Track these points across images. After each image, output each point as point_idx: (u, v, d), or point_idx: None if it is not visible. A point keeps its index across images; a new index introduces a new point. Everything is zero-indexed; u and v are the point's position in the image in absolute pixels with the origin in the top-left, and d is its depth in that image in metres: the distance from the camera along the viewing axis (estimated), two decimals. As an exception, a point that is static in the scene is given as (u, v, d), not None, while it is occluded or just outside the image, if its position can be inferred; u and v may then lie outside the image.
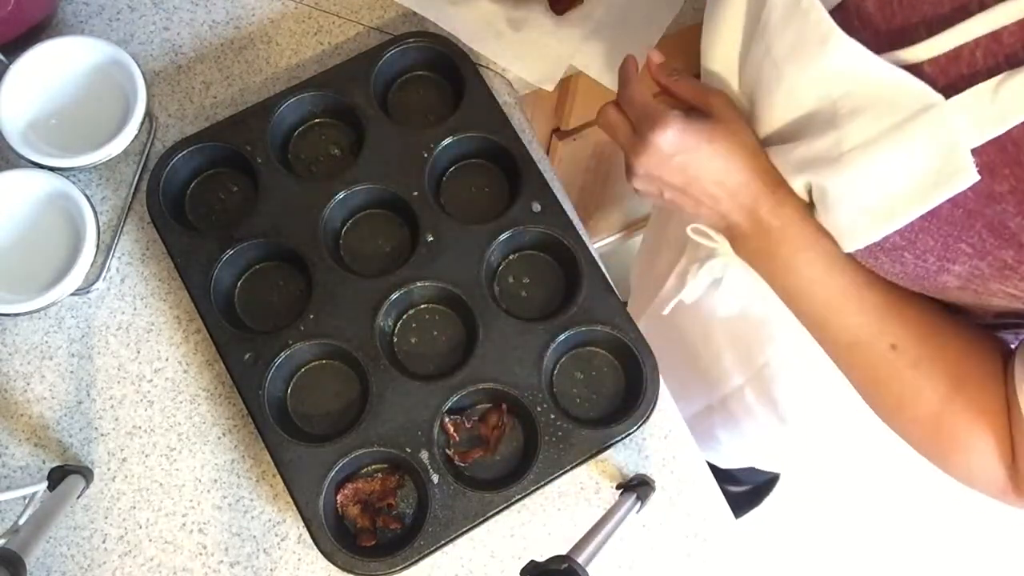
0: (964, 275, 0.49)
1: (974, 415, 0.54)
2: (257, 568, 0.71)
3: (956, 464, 0.57)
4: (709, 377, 0.99)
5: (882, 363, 0.57)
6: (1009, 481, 0.54)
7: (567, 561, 0.55)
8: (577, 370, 0.74)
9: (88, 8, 0.82)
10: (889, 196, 0.48)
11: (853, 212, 0.51)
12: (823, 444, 0.98)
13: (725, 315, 0.86)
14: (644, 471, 0.74)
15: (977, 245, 0.47)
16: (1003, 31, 0.42)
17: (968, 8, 0.43)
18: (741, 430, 1.04)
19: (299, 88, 0.76)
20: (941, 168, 0.45)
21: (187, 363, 0.75)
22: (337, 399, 0.73)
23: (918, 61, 0.46)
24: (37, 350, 0.75)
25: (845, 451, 0.98)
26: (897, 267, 0.52)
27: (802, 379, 0.85)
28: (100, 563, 0.71)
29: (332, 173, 0.76)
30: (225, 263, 0.73)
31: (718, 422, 1.06)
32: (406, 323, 0.75)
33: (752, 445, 1.09)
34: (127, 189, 0.78)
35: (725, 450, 1.14)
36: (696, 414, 1.08)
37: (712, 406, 1.04)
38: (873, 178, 0.49)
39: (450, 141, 0.76)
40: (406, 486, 0.71)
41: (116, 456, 0.73)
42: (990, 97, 0.42)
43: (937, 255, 0.49)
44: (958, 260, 0.48)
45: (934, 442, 0.57)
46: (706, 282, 0.80)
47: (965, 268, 0.48)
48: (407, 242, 0.76)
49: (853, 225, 0.52)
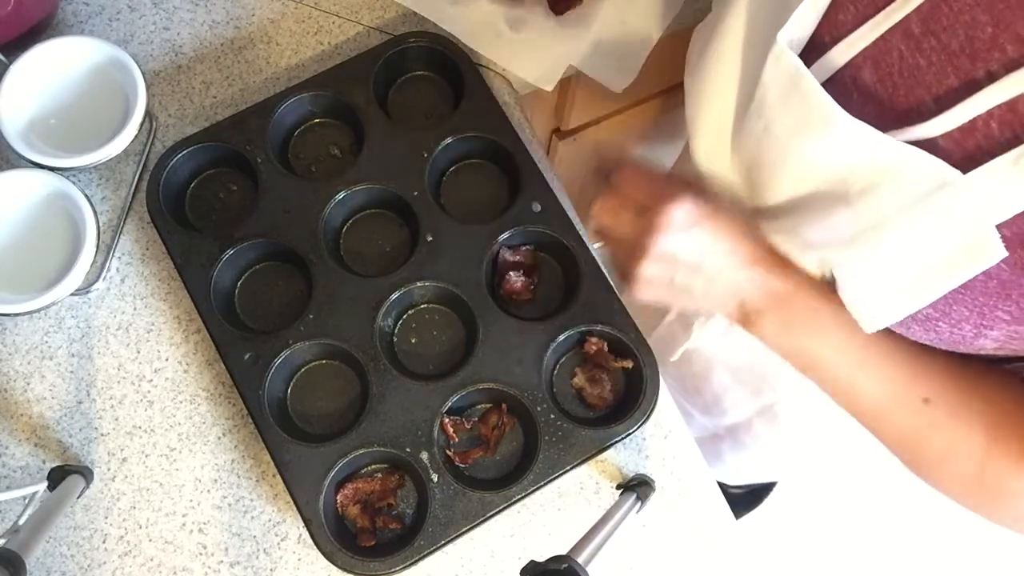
0: (1002, 338, 0.48)
1: (1017, 459, 0.53)
2: (257, 568, 0.71)
3: (1004, 510, 0.55)
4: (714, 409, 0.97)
5: (917, 420, 0.55)
6: None
7: (567, 561, 0.55)
8: (577, 370, 0.74)
9: (88, 8, 0.82)
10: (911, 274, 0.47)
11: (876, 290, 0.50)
12: (825, 452, 0.98)
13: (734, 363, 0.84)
14: (644, 471, 0.74)
15: (1015, 312, 0.45)
16: (1018, 100, 0.41)
17: (977, 80, 0.42)
18: (749, 453, 1.02)
19: (299, 88, 0.76)
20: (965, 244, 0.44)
21: (187, 363, 0.75)
22: (337, 399, 0.73)
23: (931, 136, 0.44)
24: (37, 350, 0.75)
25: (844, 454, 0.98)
26: (932, 335, 0.51)
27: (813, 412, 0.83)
28: (100, 563, 0.71)
29: (332, 173, 0.76)
30: (225, 263, 0.73)
31: (727, 448, 1.04)
32: (406, 323, 0.75)
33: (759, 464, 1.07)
34: (127, 189, 0.78)
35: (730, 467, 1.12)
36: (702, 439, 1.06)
37: (719, 434, 1.02)
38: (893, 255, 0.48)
39: (450, 141, 0.76)
40: (406, 486, 0.71)
41: (116, 456, 0.73)
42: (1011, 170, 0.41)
43: (973, 324, 0.48)
44: (995, 327, 0.47)
45: (979, 492, 0.55)
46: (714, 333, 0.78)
47: (1003, 332, 0.47)
48: (407, 242, 0.76)
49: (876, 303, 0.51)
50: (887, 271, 0.49)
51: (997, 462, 0.53)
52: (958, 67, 0.43)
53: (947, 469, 0.56)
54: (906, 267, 0.47)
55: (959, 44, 0.43)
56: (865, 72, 0.48)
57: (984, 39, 0.42)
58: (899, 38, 0.46)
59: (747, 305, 0.58)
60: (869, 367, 0.55)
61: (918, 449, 0.56)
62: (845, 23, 0.48)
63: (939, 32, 0.44)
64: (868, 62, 0.48)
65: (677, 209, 0.55)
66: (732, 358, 0.83)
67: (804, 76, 0.48)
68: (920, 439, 0.56)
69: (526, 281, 0.74)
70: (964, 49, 0.43)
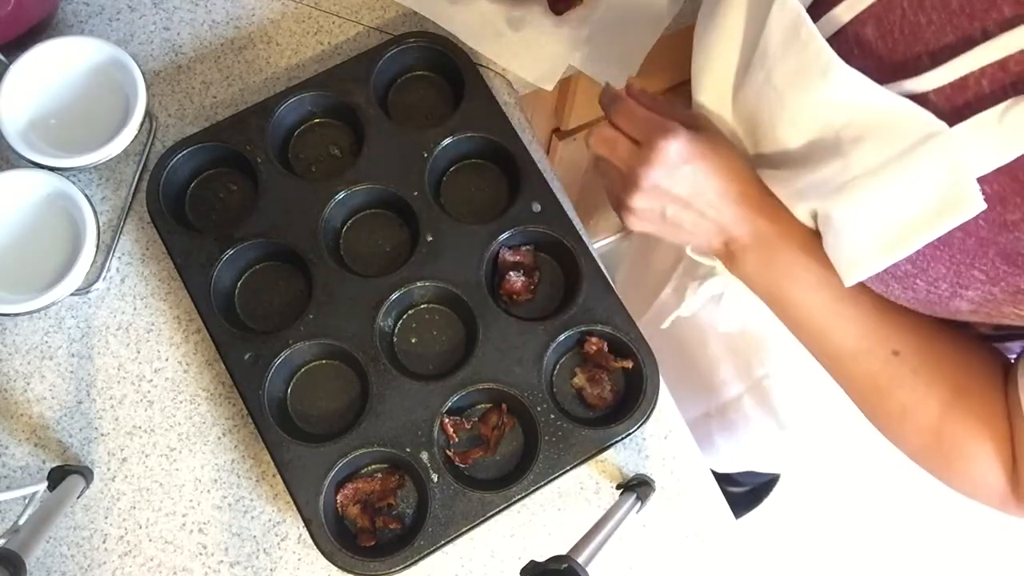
0: (977, 300, 0.49)
1: (975, 422, 0.54)
2: (257, 568, 0.71)
3: (958, 473, 0.57)
4: (706, 386, 0.98)
5: (885, 370, 0.56)
6: (1010, 489, 0.54)
7: (567, 561, 0.55)
8: (577, 370, 0.74)
9: (88, 8, 0.82)
10: (894, 224, 0.48)
11: (858, 241, 0.51)
12: (822, 447, 0.98)
13: (724, 330, 0.85)
14: (644, 471, 0.74)
15: (990, 272, 0.46)
16: (1009, 59, 0.42)
17: (973, 37, 0.43)
18: (739, 436, 1.03)
19: (299, 88, 0.76)
20: (946, 196, 0.45)
21: (187, 363, 0.75)
22: (337, 399, 0.73)
23: (923, 91, 0.45)
24: (37, 350, 0.75)
25: (843, 453, 0.98)
26: (909, 293, 0.52)
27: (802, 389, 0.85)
28: (100, 563, 0.71)
29: (332, 173, 0.76)
30: (225, 263, 0.73)
31: (716, 428, 1.05)
32: (406, 323, 0.75)
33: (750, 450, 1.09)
34: (127, 189, 0.78)
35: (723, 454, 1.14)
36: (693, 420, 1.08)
37: (710, 413, 1.04)
38: (878, 206, 0.49)
39: (450, 141, 0.76)
40: (406, 486, 0.71)
41: (116, 456, 0.73)
42: (996, 124, 0.42)
43: (950, 282, 0.48)
44: (971, 286, 0.48)
45: (936, 451, 0.57)
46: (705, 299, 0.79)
47: (978, 294, 0.48)
48: (407, 242, 0.76)
49: (858, 254, 0.52)
50: (871, 222, 0.50)
51: (956, 423, 0.55)
52: (956, 25, 0.44)
53: (907, 425, 0.57)
54: (889, 218, 0.48)
55: (959, 3, 0.44)
56: (868, 29, 0.49)
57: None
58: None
59: (733, 243, 0.60)
60: (843, 314, 0.57)
61: (881, 401, 0.58)
62: None
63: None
64: (871, 19, 0.49)
65: (670, 144, 0.56)
66: (724, 324, 0.84)
67: (805, 23, 0.49)
68: (884, 390, 0.57)
69: (526, 281, 0.74)
70: (964, 8, 0.44)
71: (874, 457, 0.96)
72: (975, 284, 0.47)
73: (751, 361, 0.87)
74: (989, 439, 0.54)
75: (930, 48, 0.45)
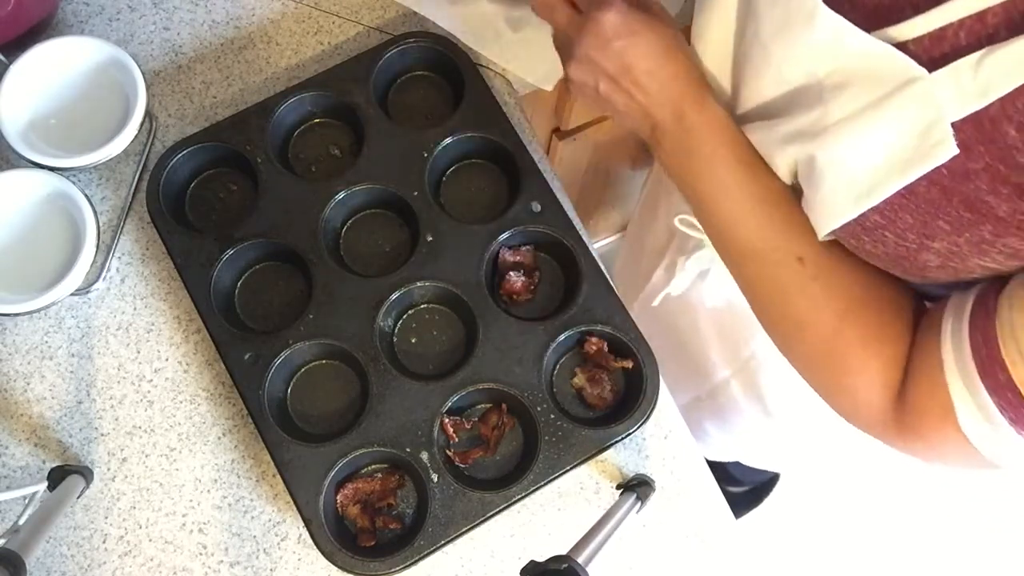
0: (944, 252, 0.49)
1: (868, 337, 0.55)
2: (257, 568, 0.71)
3: (844, 388, 0.57)
4: (697, 368, 0.99)
5: (787, 274, 0.57)
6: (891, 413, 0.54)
7: (567, 561, 0.55)
8: (577, 370, 0.74)
9: (88, 8, 0.82)
10: (870, 170, 0.49)
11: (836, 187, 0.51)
12: (809, 441, 0.99)
13: (712, 306, 0.86)
14: (644, 471, 0.74)
15: (955, 222, 0.47)
16: (987, 12, 0.42)
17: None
18: (729, 423, 1.04)
19: (299, 88, 0.76)
20: (921, 141, 0.45)
21: (187, 363, 0.75)
22: (337, 399, 0.73)
23: (903, 40, 0.46)
24: (37, 350, 0.75)
25: (832, 449, 0.98)
26: (879, 247, 0.52)
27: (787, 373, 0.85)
28: (100, 563, 0.71)
29: (332, 173, 0.76)
30: (225, 263, 0.73)
31: (707, 414, 1.07)
32: (406, 323, 0.75)
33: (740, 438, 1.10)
34: (127, 189, 0.78)
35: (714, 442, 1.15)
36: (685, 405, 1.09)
37: (700, 398, 1.05)
38: (857, 151, 0.49)
39: (450, 141, 0.76)
40: (406, 486, 0.71)
41: (116, 456, 0.73)
42: (972, 72, 0.42)
43: (917, 232, 0.49)
44: (937, 237, 0.48)
45: (826, 363, 0.57)
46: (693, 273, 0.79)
47: (944, 245, 0.48)
48: (407, 242, 0.76)
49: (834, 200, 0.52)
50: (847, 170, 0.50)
51: (850, 333, 0.55)
52: None
53: (804, 334, 0.57)
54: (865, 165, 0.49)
55: None
56: None
57: None
58: None
59: (657, 128, 0.59)
60: (754, 213, 0.57)
61: (778, 307, 0.58)
62: None
63: None
64: None
65: (605, 16, 0.56)
66: (711, 300, 0.84)
67: None
68: (783, 295, 0.57)
69: (526, 281, 0.74)
70: None
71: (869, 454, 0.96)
72: (940, 234, 0.48)
73: (738, 341, 0.88)
74: (876, 356, 0.54)
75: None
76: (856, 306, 0.55)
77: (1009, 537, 1.65)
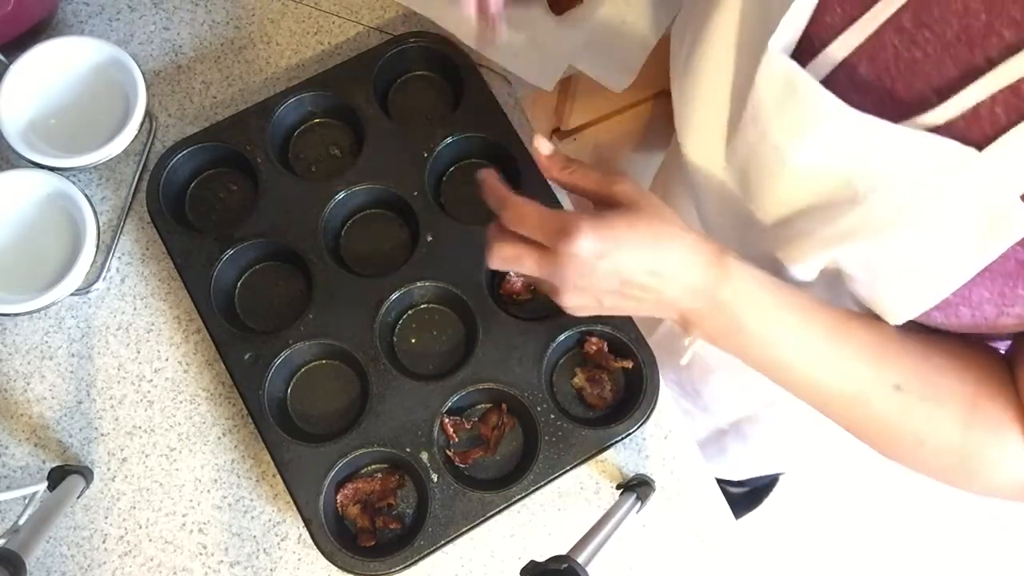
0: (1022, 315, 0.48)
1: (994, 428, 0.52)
2: (257, 568, 0.71)
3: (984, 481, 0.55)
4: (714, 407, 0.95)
5: (892, 407, 0.53)
6: None
7: (567, 561, 0.55)
8: (577, 370, 0.74)
9: (88, 8, 0.82)
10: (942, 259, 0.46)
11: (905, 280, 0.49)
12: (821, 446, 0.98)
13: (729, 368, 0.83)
14: (644, 471, 0.74)
15: None
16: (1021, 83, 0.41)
17: (977, 67, 0.42)
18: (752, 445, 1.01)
19: (299, 88, 0.76)
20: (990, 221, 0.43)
21: (187, 363, 0.75)
22: (337, 399, 0.73)
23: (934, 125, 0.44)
24: (37, 350, 0.75)
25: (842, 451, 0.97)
26: (952, 320, 0.50)
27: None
28: (100, 563, 0.71)
29: (332, 173, 0.76)
30: (225, 263, 0.73)
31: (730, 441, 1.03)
32: (406, 323, 0.75)
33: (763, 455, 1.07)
34: (127, 189, 0.78)
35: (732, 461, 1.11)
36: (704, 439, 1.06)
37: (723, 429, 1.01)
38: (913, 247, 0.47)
39: (450, 141, 0.76)
40: (406, 486, 0.71)
41: (116, 456, 0.73)
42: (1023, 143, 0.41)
43: (995, 304, 0.47)
44: (1017, 304, 0.47)
45: (960, 468, 0.54)
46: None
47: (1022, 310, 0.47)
48: (407, 242, 0.76)
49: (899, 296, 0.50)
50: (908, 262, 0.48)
51: (975, 435, 0.53)
52: (956, 56, 0.43)
53: (926, 451, 0.55)
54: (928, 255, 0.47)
55: (954, 33, 0.43)
56: (861, 68, 0.48)
57: (979, 26, 0.42)
58: (891, 34, 0.46)
59: (689, 315, 0.54)
60: (831, 363, 0.54)
61: (894, 436, 0.55)
62: (833, 25, 0.48)
63: (932, 24, 0.44)
64: (863, 59, 0.48)
65: (576, 246, 0.50)
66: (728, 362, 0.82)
67: (799, 76, 0.47)
68: (895, 426, 0.54)
69: (526, 281, 0.74)
70: (960, 38, 0.43)
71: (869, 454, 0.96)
72: (1020, 302, 0.47)
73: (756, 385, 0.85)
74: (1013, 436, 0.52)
75: (933, 83, 0.44)
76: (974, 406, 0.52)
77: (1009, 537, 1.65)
